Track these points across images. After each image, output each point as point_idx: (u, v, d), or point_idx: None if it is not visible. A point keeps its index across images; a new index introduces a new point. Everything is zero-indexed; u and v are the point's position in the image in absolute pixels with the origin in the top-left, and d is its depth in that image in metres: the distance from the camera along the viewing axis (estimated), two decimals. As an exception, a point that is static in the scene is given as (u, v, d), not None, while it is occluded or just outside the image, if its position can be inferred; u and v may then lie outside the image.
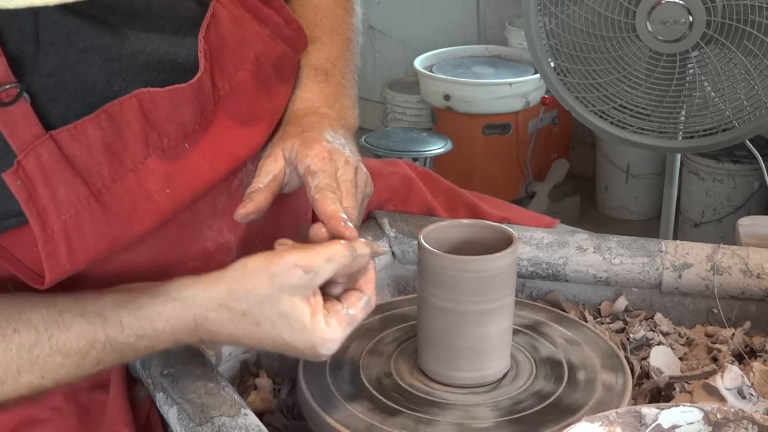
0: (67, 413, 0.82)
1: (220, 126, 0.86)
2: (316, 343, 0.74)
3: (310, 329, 0.74)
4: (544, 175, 3.08)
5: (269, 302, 0.74)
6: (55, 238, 0.77)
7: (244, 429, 0.72)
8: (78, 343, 0.76)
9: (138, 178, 0.81)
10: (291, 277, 0.73)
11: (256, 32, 0.90)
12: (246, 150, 0.88)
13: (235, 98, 0.88)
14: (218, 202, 0.88)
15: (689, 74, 1.67)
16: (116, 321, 0.77)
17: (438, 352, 0.83)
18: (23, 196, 0.75)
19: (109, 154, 0.79)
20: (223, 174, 0.86)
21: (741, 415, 0.65)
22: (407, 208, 1.11)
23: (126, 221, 0.80)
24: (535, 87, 2.86)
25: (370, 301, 0.77)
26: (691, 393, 0.84)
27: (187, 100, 0.83)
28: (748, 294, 0.96)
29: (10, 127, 0.74)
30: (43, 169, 0.75)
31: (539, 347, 0.89)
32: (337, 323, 0.75)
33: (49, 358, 0.76)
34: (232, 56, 0.88)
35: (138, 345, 0.78)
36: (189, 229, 0.86)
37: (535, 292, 1.04)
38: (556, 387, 0.83)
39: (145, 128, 0.80)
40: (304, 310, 0.73)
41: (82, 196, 0.78)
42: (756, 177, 2.60)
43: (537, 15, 1.73)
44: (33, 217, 0.76)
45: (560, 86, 1.79)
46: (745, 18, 1.57)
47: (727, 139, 1.71)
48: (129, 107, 0.79)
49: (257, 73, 0.90)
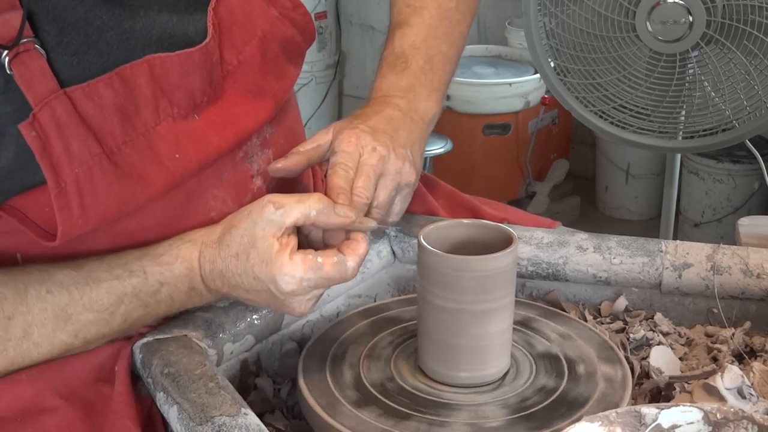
0: (73, 403, 0.83)
1: (228, 100, 0.89)
2: (276, 275, 0.79)
3: (273, 261, 0.79)
4: (544, 175, 3.08)
5: (246, 235, 0.81)
6: (68, 190, 0.79)
7: (244, 429, 0.72)
8: (108, 299, 0.83)
9: (149, 142, 0.83)
10: (264, 211, 0.80)
11: (263, 11, 0.93)
12: (253, 123, 0.91)
13: (243, 74, 0.90)
14: (223, 172, 0.90)
15: (689, 74, 1.67)
16: (140, 271, 0.84)
17: (438, 352, 0.83)
18: (38, 147, 0.77)
19: (121, 116, 0.81)
20: (230, 144, 0.89)
21: (741, 415, 0.65)
22: (407, 208, 1.11)
23: (136, 182, 0.82)
24: (535, 87, 2.86)
25: (347, 262, 0.80)
26: (691, 393, 0.84)
27: (196, 67, 0.85)
28: (748, 294, 0.96)
29: (28, 81, 0.77)
30: (58, 122, 0.78)
31: (534, 343, 0.89)
32: (300, 261, 0.79)
33: (81, 316, 0.82)
34: (240, 30, 0.90)
35: (160, 294, 0.84)
36: (194, 197, 0.88)
37: (535, 291, 1.04)
38: (558, 382, 0.83)
39: (156, 94, 0.83)
40: (272, 245, 0.79)
41: (94, 152, 0.80)
42: (756, 177, 2.60)
43: (537, 15, 1.73)
44: (47, 168, 0.78)
45: (560, 86, 1.79)
46: (745, 18, 1.57)
47: (727, 139, 1.71)
48: (140, 71, 0.82)
49: (264, 50, 0.92)
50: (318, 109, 3.60)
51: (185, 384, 0.79)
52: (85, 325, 0.83)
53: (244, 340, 0.92)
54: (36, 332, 0.81)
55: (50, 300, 0.81)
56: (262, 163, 0.94)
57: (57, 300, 0.81)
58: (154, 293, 0.84)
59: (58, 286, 0.82)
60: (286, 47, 0.96)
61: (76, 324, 0.82)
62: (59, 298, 0.82)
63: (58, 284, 0.82)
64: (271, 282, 0.80)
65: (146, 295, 0.84)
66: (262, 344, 0.95)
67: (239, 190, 0.91)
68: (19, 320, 0.81)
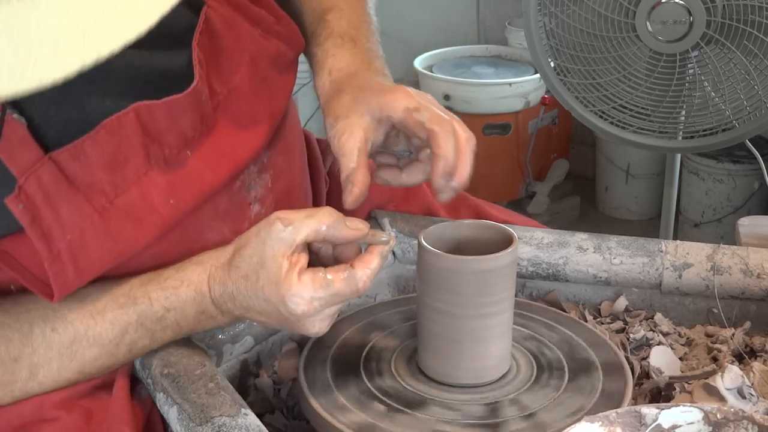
0: (71, 412, 0.82)
1: (220, 130, 0.86)
2: (285, 296, 0.76)
3: (282, 281, 0.76)
4: (544, 175, 3.08)
5: (256, 255, 0.78)
6: (62, 257, 0.76)
7: (244, 429, 0.72)
8: (113, 331, 0.81)
9: (141, 191, 0.80)
10: (272, 229, 0.77)
11: (248, 33, 0.89)
12: (248, 153, 0.88)
13: (235, 101, 0.87)
14: (219, 205, 0.88)
15: (689, 74, 1.67)
16: (145, 297, 0.81)
17: (438, 352, 0.83)
18: (27, 220, 0.74)
19: (110, 170, 0.78)
20: (225, 179, 0.86)
21: (741, 415, 0.65)
22: (408, 208, 1.11)
23: (131, 234, 0.80)
24: (535, 87, 2.86)
25: (358, 277, 0.77)
26: (691, 393, 0.84)
27: (186, 110, 0.82)
28: (748, 294, 0.96)
29: (9, 153, 0.73)
30: (45, 191, 0.75)
31: (535, 343, 0.89)
32: (309, 281, 0.76)
33: (86, 351, 0.81)
34: (227, 60, 0.87)
35: (166, 320, 0.82)
36: (190, 232, 0.86)
37: (535, 292, 1.04)
38: (559, 381, 0.83)
39: (145, 141, 0.79)
40: (281, 264, 0.76)
41: (85, 214, 0.77)
42: (756, 177, 2.60)
43: (537, 15, 1.73)
44: (38, 238, 0.75)
45: (560, 86, 1.79)
46: (745, 18, 1.57)
47: (727, 139, 1.71)
48: (128, 122, 0.78)
49: (254, 73, 0.89)
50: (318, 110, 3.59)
51: (185, 384, 0.79)
52: (90, 360, 0.82)
53: (243, 341, 0.92)
54: (41, 372, 0.81)
55: (55, 339, 0.80)
56: (260, 189, 0.91)
57: (62, 338, 0.80)
58: (159, 319, 0.82)
59: (62, 322, 0.80)
60: (276, 63, 0.92)
61: (81, 360, 0.81)
62: (64, 336, 0.80)
63: (62, 320, 0.80)
64: (280, 304, 0.77)
65: (152, 322, 0.82)
66: (262, 345, 0.95)
67: (237, 219, 0.89)
68: (26, 361, 0.80)
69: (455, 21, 3.48)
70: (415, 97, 0.84)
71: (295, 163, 1.00)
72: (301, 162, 1.03)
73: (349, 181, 0.82)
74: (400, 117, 0.83)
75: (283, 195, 0.95)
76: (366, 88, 0.87)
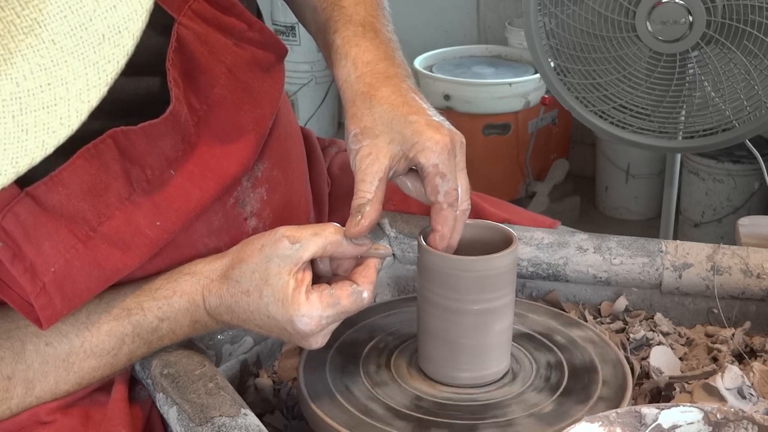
0: (68, 415, 0.82)
1: (204, 146, 0.83)
2: (293, 316, 0.75)
3: (290, 301, 0.75)
4: (544, 175, 3.08)
5: (259, 271, 0.77)
6: (48, 289, 0.74)
7: (244, 429, 0.72)
8: (110, 342, 0.80)
9: (126, 216, 0.78)
10: (278, 246, 0.76)
11: (223, 44, 0.86)
12: (236, 165, 0.86)
13: (216, 115, 0.85)
14: (213, 222, 0.86)
15: (689, 74, 1.67)
16: (138, 308, 0.80)
17: (438, 352, 0.83)
18: (8, 257, 0.72)
19: (92, 198, 0.76)
20: (213, 195, 0.84)
21: (741, 415, 0.65)
22: (407, 208, 1.11)
23: (119, 259, 0.78)
24: (535, 87, 2.86)
25: (362, 293, 0.77)
26: (691, 393, 0.84)
27: (164, 133, 0.79)
28: (748, 294, 0.96)
29: None
30: (24, 227, 0.72)
31: (535, 343, 0.89)
32: (317, 300, 0.75)
33: (83, 363, 0.80)
34: (203, 74, 0.84)
35: (161, 329, 0.81)
36: (184, 248, 0.84)
37: (535, 292, 1.04)
38: (559, 381, 0.83)
39: (125, 165, 0.77)
40: (288, 282, 0.75)
41: (69, 245, 0.75)
42: (756, 177, 2.59)
43: (537, 15, 1.73)
44: (21, 274, 0.73)
45: (560, 86, 1.79)
46: (745, 18, 1.57)
47: (727, 139, 1.71)
48: (105, 148, 0.75)
49: (234, 84, 0.86)
50: (318, 109, 3.59)
51: (185, 384, 0.79)
52: (89, 371, 0.81)
53: (243, 341, 0.92)
54: (38, 387, 0.80)
55: (50, 352, 0.79)
56: (256, 204, 0.90)
57: (57, 351, 0.79)
58: (154, 330, 0.81)
59: (57, 336, 0.79)
60: (256, 70, 0.89)
61: (79, 372, 0.80)
62: (59, 349, 0.79)
63: (57, 333, 0.79)
64: (287, 322, 0.76)
65: (147, 333, 0.81)
66: (262, 345, 0.95)
67: (233, 235, 0.87)
68: (20, 378, 0.79)
69: (455, 21, 3.49)
70: (446, 151, 0.80)
71: (292, 174, 0.97)
72: (299, 170, 1.01)
73: (360, 212, 0.79)
74: (427, 171, 0.80)
75: (280, 207, 0.93)
76: (401, 107, 0.82)
